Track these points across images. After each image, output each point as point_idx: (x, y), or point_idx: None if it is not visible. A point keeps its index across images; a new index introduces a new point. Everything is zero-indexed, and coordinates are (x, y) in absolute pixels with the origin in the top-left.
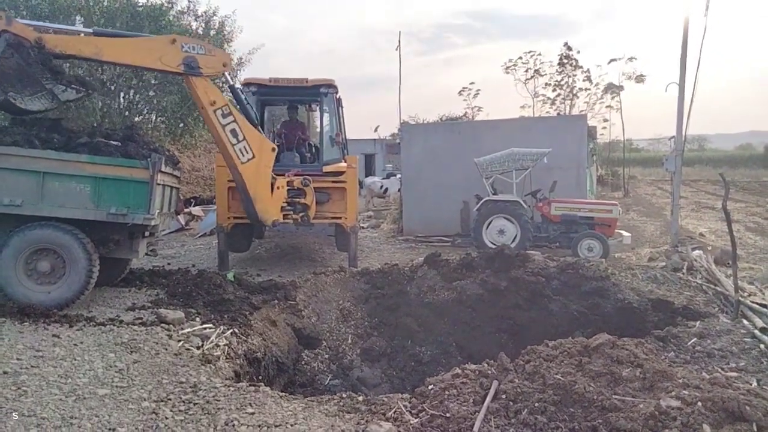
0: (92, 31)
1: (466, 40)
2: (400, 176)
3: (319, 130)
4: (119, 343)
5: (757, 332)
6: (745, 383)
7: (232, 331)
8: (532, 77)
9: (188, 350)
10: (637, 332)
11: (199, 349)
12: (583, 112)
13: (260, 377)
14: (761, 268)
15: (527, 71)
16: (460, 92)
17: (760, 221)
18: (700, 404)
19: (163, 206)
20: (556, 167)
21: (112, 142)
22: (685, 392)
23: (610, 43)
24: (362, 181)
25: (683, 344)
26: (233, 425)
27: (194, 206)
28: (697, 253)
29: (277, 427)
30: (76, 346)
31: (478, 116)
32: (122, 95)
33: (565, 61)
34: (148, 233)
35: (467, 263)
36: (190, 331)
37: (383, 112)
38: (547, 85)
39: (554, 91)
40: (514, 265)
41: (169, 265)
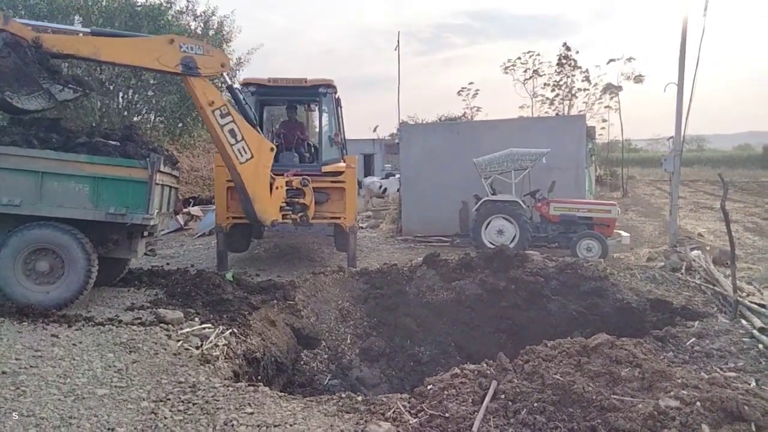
0: (90, 30)
1: (465, 40)
2: (399, 176)
3: (318, 130)
4: (118, 343)
5: (755, 332)
6: (743, 383)
7: (231, 331)
8: (531, 77)
9: (187, 350)
10: (635, 332)
11: (198, 349)
12: (581, 112)
13: (259, 377)
14: (759, 268)
15: (526, 71)
16: (459, 92)
17: (758, 221)
18: (698, 404)
19: (161, 206)
20: (554, 167)
21: (110, 141)
22: (683, 392)
23: (609, 43)
24: (361, 181)
25: (682, 344)
26: (232, 425)
27: (193, 206)
28: (695, 253)
29: (276, 426)
30: (74, 346)
31: (477, 116)
32: (121, 95)
33: (563, 61)
34: (146, 233)
35: (466, 263)
36: (189, 331)
37: (382, 112)
38: (545, 85)
39: (553, 91)
40: (512, 265)
41: (168, 265)
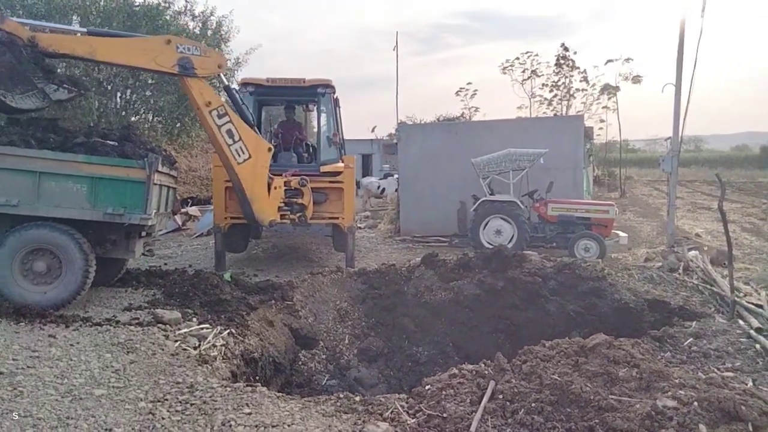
0: (87, 30)
1: (463, 40)
2: (397, 176)
3: (316, 130)
4: (116, 343)
5: (752, 332)
6: (740, 383)
7: (229, 331)
8: (529, 78)
9: (185, 350)
10: (633, 332)
11: (195, 349)
12: (579, 112)
13: (257, 377)
14: (757, 268)
15: (524, 72)
16: (457, 92)
17: (755, 222)
18: (696, 404)
19: (159, 206)
20: (552, 168)
21: (108, 142)
22: (681, 392)
23: (607, 43)
24: (359, 181)
25: (679, 344)
26: (230, 425)
27: (191, 206)
28: (693, 253)
29: (274, 427)
30: (72, 346)
31: (475, 116)
32: (119, 95)
33: (562, 61)
34: (144, 233)
35: (464, 263)
36: (186, 331)
37: (380, 112)
38: (544, 85)
39: (551, 91)
40: (511, 265)
41: (165, 265)
